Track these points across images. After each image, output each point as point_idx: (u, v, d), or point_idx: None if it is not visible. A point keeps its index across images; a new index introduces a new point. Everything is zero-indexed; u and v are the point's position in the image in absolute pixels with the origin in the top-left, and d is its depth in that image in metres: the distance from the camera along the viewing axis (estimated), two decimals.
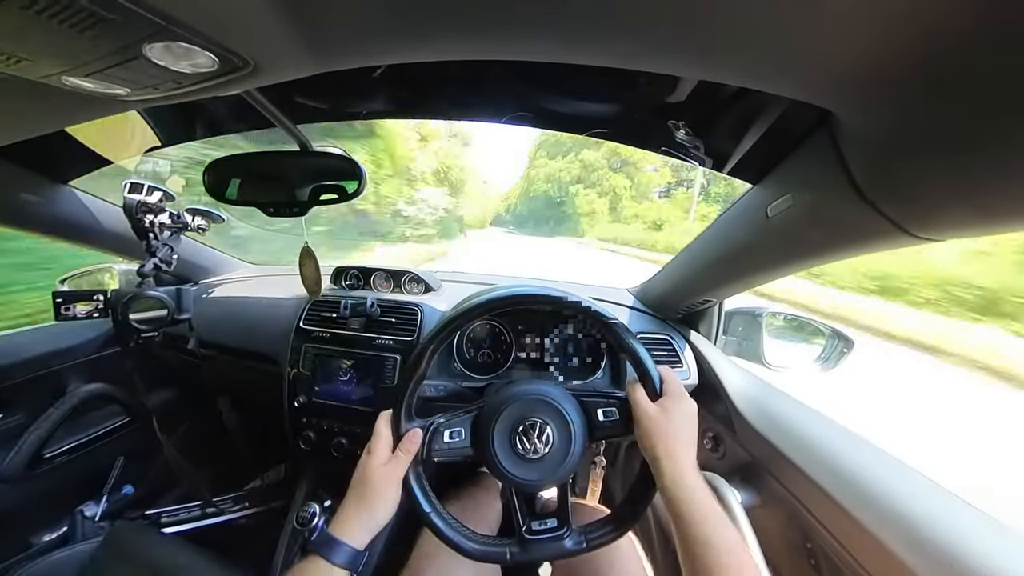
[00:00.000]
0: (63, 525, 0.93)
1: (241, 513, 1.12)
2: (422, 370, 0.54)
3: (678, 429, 0.50)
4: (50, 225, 0.87)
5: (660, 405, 0.51)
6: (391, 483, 0.50)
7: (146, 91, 0.36)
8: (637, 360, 0.54)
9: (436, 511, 0.53)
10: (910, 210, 0.42)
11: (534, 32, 0.34)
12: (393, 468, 0.50)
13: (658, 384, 0.53)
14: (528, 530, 0.54)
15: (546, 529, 0.54)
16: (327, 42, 0.35)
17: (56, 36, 0.26)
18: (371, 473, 0.50)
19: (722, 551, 0.41)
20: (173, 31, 0.27)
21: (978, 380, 3.98)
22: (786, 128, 0.52)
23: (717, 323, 0.96)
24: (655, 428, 0.50)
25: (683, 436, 0.50)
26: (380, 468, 0.50)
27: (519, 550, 0.53)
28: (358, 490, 0.49)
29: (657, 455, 0.49)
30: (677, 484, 0.46)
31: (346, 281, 1.09)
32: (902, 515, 0.46)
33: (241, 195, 0.74)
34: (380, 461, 0.50)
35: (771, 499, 0.64)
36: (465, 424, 0.55)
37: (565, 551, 0.54)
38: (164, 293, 0.86)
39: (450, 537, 0.52)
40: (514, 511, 0.55)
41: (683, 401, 0.52)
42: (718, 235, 0.75)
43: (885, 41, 0.29)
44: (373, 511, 0.49)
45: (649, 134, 0.73)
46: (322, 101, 0.75)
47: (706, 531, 0.43)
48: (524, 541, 0.53)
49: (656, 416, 0.50)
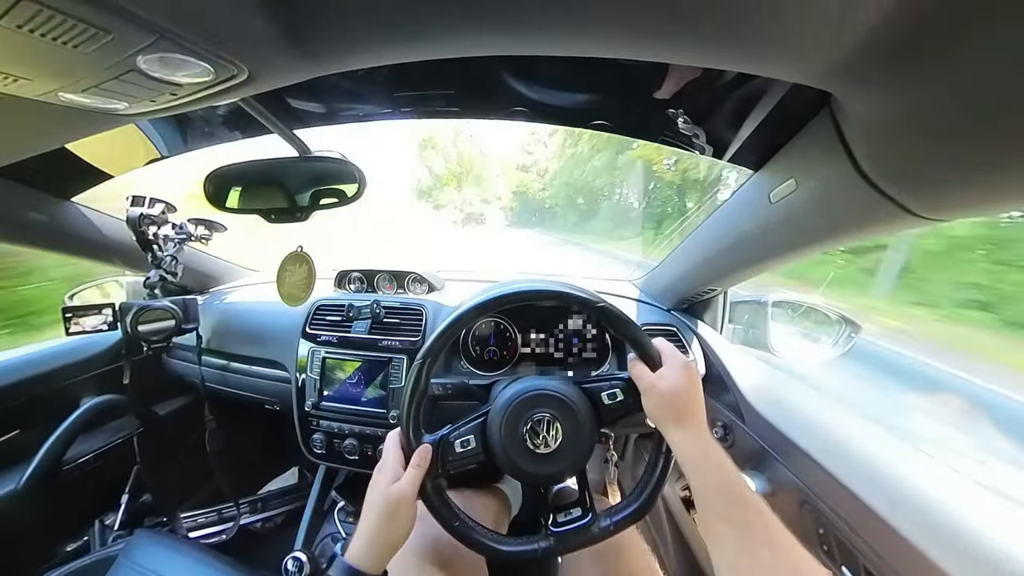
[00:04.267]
0: (84, 535, 0.94)
1: (257, 517, 1.14)
2: (422, 386, 0.54)
3: (683, 391, 0.50)
4: (57, 241, 0.88)
5: (660, 374, 0.52)
6: (406, 503, 0.48)
7: (143, 104, 0.37)
8: (633, 339, 0.54)
9: (462, 521, 0.53)
10: (913, 191, 0.41)
11: (529, 26, 0.33)
12: (405, 487, 0.48)
13: (656, 356, 0.54)
14: (554, 523, 0.55)
15: (572, 519, 0.55)
16: (321, 46, 0.35)
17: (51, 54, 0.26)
18: (384, 495, 0.48)
19: (738, 499, 0.42)
20: (167, 43, 0.27)
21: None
22: (787, 113, 0.51)
23: (723, 312, 0.96)
24: (661, 394, 0.50)
25: (690, 398, 0.50)
26: (392, 488, 0.48)
27: (549, 543, 0.53)
28: (372, 514, 0.47)
29: (667, 420, 0.49)
30: (690, 443, 0.47)
31: (350, 284, 1.10)
32: (913, 500, 0.46)
33: (242, 203, 0.74)
34: (391, 480, 0.49)
35: (782, 487, 0.64)
36: (474, 431, 0.55)
37: (593, 537, 0.54)
38: (171, 303, 0.87)
39: (484, 543, 0.53)
40: (539, 506, 0.56)
41: (683, 366, 0.52)
42: (721, 223, 0.74)
43: (880, 19, 0.28)
44: (389, 535, 0.47)
45: (648, 124, 0.72)
46: (319, 105, 0.75)
47: (718, 479, 0.43)
48: (552, 534, 0.54)
49: (659, 383, 0.51)
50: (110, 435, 1.01)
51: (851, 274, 4.87)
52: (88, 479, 0.95)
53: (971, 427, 2.63)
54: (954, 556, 0.39)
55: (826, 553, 0.55)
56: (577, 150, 25.80)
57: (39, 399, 0.91)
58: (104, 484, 0.97)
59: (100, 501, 0.98)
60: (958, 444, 2.45)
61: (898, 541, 0.44)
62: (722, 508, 0.42)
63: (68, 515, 0.93)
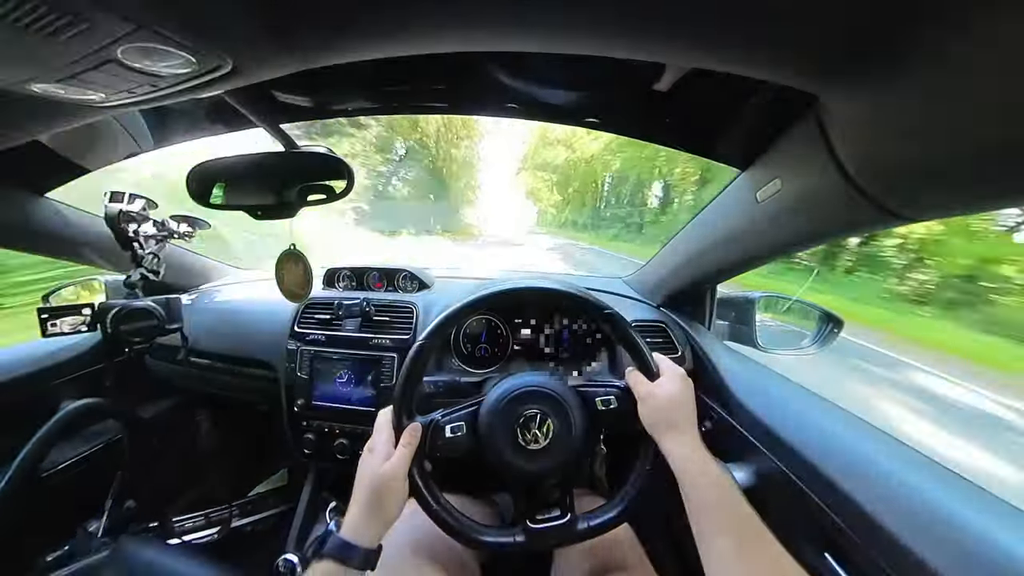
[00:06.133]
0: (66, 543, 0.92)
1: (246, 520, 1.12)
2: (420, 367, 0.54)
3: (681, 401, 0.52)
4: (32, 240, 0.85)
5: (659, 383, 0.54)
6: (396, 479, 0.49)
7: (121, 95, 0.35)
8: (634, 348, 0.56)
9: (443, 506, 0.54)
10: (894, 192, 0.42)
11: (519, 22, 0.33)
12: (397, 464, 0.49)
13: (654, 367, 0.55)
14: (532, 520, 0.55)
15: (550, 518, 0.55)
16: (307, 39, 0.34)
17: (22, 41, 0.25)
18: (375, 471, 0.49)
19: (733, 513, 0.43)
20: (146, 32, 0.26)
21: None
22: (773, 113, 0.52)
23: (710, 308, 0.97)
24: (658, 402, 0.52)
25: (686, 408, 0.52)
26: (384, 465, 0.49)
27: (525, 538, 0.54)
28: (364, 490, 0.49)
29: (663, 428, 0.51)
30: (687, 455, 0.48)
31: (339, 282, 1.08)
32: (896, 491, 0.47)
33: (227, 199, 0.72)
34: (382, 458, 0.50)
35: (769, 479, 0.65)
36: (466, 418, 0.56)
37: (569, 538, 0.55)
38: (153, 303, 0.84)
39: (461, 530, 0.53)
40: (519, 502, 0.56)
41: (682, 378, 0.54)
42: (708, 222, 0.76)
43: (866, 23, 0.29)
44: (382, 510, 0.48)
45: (639, 122, 0.72)
46: (306, 99, 0.74)
47: (716, 495, 0.45)
48: (529, 531, 0.54)
49: (658, 391, 0.52)
50: (92, 440, 0.98)
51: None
52: (69, 486, 0.92)
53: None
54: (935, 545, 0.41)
55: (811, 543, 0.57)
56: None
57: (14, 403, 0.88)
58: (87, 490, 0.94)
59: (83, 508, 0.95)
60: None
61: (880, 531, 0.45)
62: (720, 523, 0.43)
63: (49, 523, 0.90)
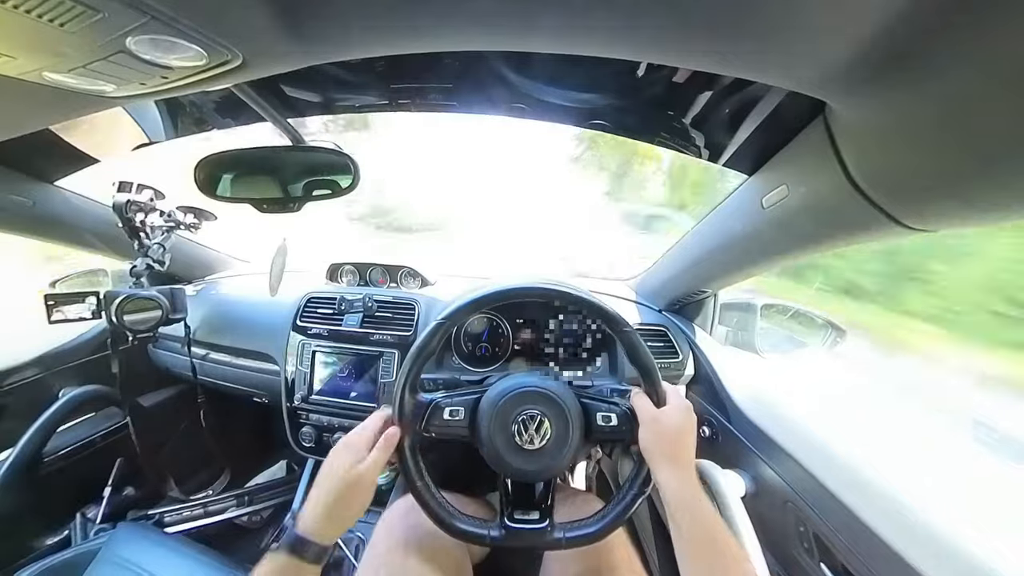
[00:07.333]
0: (65, 528, 0.92)
1: (243, 511, 1.13)
2: (433, 346, 0.54)
3: (682, 432, 0.51)
4: (39, 226, 0.86)
5: (664, 410, 0.53)
6: (364, 486, 0.47)
7: (132, 87, 0.36)
8: (647, 371, 0.55)
9: (426, 485, 0.53)
10: (902, 202, 0.42)
11: (528, 23, 0.33)
12: (370, 467, 0.48)
13: (662, 393, 0.55)
14: (511, 518, 0.55)
15: (527, 520, 0.55)
16: (317, 34, 0.34)
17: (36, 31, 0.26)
18: (347, 470, 0.47)
19: (723, 549, 0.43)
20: (158, 24, 0.26)
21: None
22: (781, 119, 0.52)
23: (713, 314, 0.97)
24: (659, 432, 0.51)
25: (686, 440, 0.51)
26: (354, 467, 0.47)
27: (500, 534, 0.54)
28: (329, 489, 0.46)
29: (661, 456, 0.50)
30: (680, 486, 0.47)
31: (342, 277, 1.09)
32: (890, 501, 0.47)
33: (233, 192, 0.73)
34: (354, 459, 0.48)
35: (765, 485, 0.65)
36: (466, 404, 0.56)
37: (541, 545, 0.55)
38: (158, 293, 0.85)
39: (437, 512, 0.53)
40: (503, 497, 0.56)
41: (687, 409, 0.53)
42: (713, 227, 0.75)
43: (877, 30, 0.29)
44: (347, 510, 0.46)
45: (646, 126, 0.72)
46: (314, 94, 0.74)
47: (709, 532, 0.44)
48: (505, 527, 0.54)
49: (663, 418, 0.52)
50: (93, 426, 0.99)
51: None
52: (70, 471, 0.92)
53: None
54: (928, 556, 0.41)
55: (807, 550, 0.57)
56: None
57: (18, 389, 0.89)
58: (87, 476, 0.95)
59: (83, 494, 0.96)
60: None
61: (875, 540, 0.45)
62: (706, 557, 0.43)
63: (49, 508, 0.91)
